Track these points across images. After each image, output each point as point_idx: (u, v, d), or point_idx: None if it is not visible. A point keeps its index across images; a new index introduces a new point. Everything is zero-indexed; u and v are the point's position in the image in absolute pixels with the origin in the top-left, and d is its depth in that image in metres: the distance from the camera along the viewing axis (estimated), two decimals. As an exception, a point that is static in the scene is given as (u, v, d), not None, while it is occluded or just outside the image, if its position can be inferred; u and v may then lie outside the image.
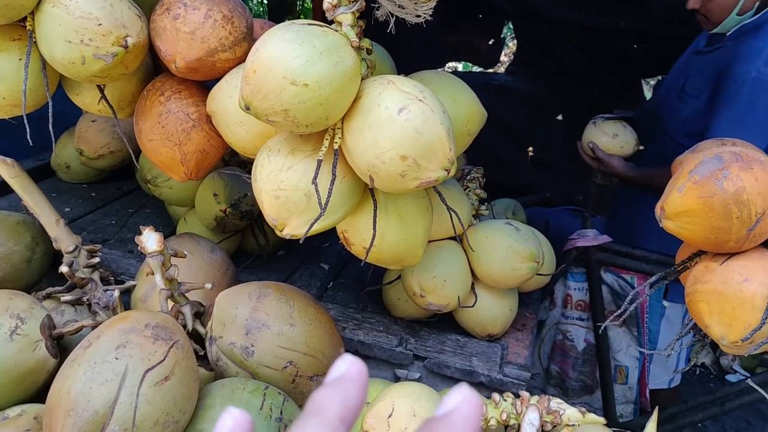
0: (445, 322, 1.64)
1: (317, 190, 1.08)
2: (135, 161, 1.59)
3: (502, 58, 5.90)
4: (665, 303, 2.33)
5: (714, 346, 1.33)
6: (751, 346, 1.08)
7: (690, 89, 2.24)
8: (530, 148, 4.76)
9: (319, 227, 1.14)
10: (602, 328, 1.38)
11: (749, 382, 1.53)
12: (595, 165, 2.31)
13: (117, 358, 1.03)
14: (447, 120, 1.07)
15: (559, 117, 4.80)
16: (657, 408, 1.36)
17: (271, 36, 1.03)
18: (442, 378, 1.49)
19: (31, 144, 1.26)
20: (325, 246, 1.96)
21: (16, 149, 1.47)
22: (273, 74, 0.99)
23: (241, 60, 1.31)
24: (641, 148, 2.32)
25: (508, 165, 4.31)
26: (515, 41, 5.67)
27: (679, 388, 2.61)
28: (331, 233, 1.41)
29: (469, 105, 1.29)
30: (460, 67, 6.56)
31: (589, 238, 2.10)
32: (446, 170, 1.06)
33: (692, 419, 2.09)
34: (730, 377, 3.79)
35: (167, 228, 1.95)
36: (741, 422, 3.40)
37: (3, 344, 1.22)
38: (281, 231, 1.15)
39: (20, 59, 1.23)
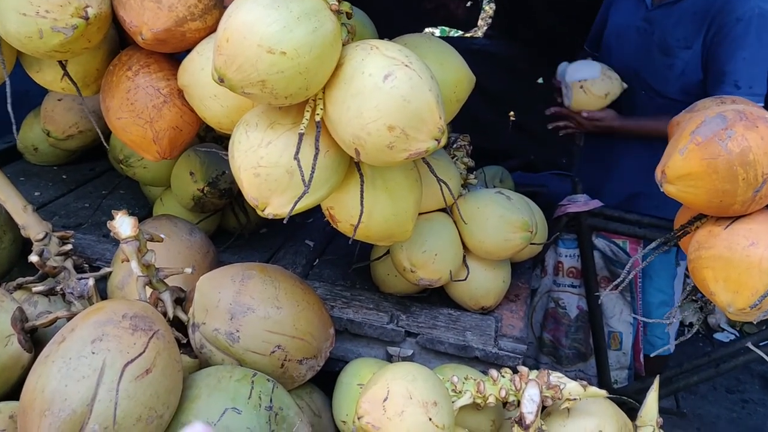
0: (436, 296, 1.59)
1: (300, 166, 1.02)
2: (105, 141, 1.51)
3: (479, 22, 5.81)
4: (680, 262, 2.30)
5: (703, 306, 1.30)
6: (759, 313, 1.04)
7: (675, 41, 2.19)
8: (511, 113, 4.71)
9: (303, 205, 1.08)
10: (601, 298, 1.34)
11: (749, 344, 1.50)
12: (590, 126, 2.25)
13: (93, 353, 0.98)
14: (435, 86, 1.01)
15: (540, 80, 4.74)
16: (657, 378, 1.34)
17: (244, 1, 0.95)
18: (435, 354, 1.44)
19: (-10, 125, 1.18)
20: (309, 222, 1.91)
21: (-22, 132, 1.39)
22: (247, 42, 0.92)
23: (213, 29, 1.23)
24: (625, 86, 2.27)
25: (489, 130, 4.26)
26: (492, 5, 5.58)
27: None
28: (315, 209, 1.35)
29: (457, 69, 1.23)
30: (437, 32, 6.46)
31: (580, 203, 2.06)
32: (437, 140, 1.00)
33: (687, 382, 2.08)
34: (719, 335, 3.81)
35: (144, 209, 1.88)
36: (732, 380, 3.42)
37: (-29, 341, 1.15)
38: (263, 210, 1.09)
39: (-28, 36, 1.15)
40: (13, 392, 1.17)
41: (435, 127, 0.99)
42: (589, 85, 2.20)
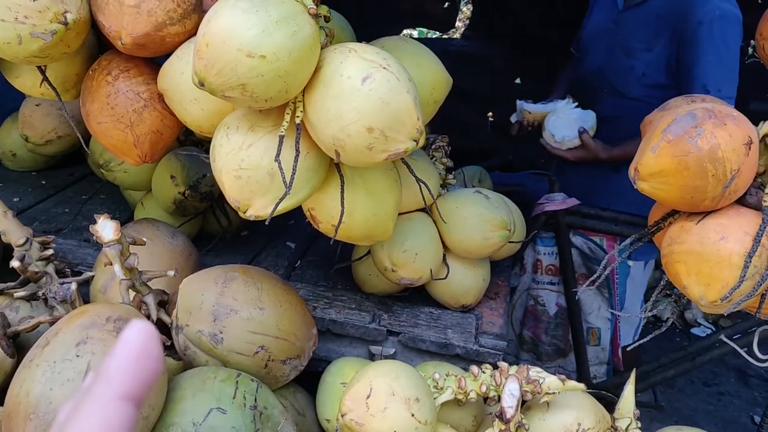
0: (417, 295, 1.61)
1: (281, 168, 1.03)
2: (85, 146, 1.51)
3: (457, 23, 5.85)
4: (629, 262, 2.34)
5: (677, 300, 1.32)
6: (729, 305, 1.06)
7: (637, 43, 2.23)
8: (490, 114, 4.74)
9: (284, 207, 1.09)
10: (578, 294, 1.36)
11: (722, 337, 1.53)
12: (572, 158, 2.25)
13: (78, 356, 0.98)
14: (413, 88, 1.02)
15: (518, 80, 4.78)
16: (634, 371, 1.36)
17: (223, 5, 0.96)
18: (417, 352, 1.46)
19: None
20: (290, 224, 1.92)
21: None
22: (227, 47, 0.93)
23: (192, 33, 1.23)
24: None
25: (468, 131, 4.28)
26: (469, 6, 5.62)
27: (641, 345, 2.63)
28: (296, 210, 1.36)
29: (434, 71, 1.24)
30: (415, 33, 6.49)
31: (558, 201, 2.09)
32: (415, 140, 1.02)
33: (665, 375, 2.11)
34: (695, 330, 3.87)
35: (124, 214, 1.88)
36: (708, 374, 3.48)
37: (-46, 346, 1.15)
38: (245, 213, 1.10)
39: (-50, 41, 1.15)
40: (-4, 398, 1.17)
41: (413, 128, 1.01)
42: (568, 142, 2.21)
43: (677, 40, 2.11)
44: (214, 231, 1.80)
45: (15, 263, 1.32)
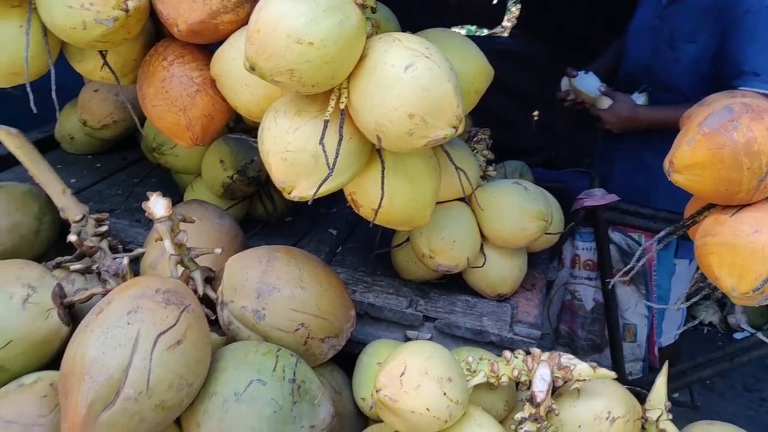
0: (454, 283, 1.64)
1: (324, 151, 1.08)
2: (140, 127, 1.58)
3: (505, 23, 5.84)
4: (675, 260, 2.33)
5: (721, 305, 1.33)
6: (761, 297, 1.07)
7: (681, 36, 2.24)
8: (535, 112, 4.73)
9: (327, 188, 1.14)
10: (611, 284, 1.38)
11: (759, 335, 1.53)
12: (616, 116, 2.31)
13: (129, 323, 1.04)
14: (454, 77, 1.06)
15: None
16: (666, 363, 1.37)
17: (274, -5, 1.01)
18: (452, 338, 1.49)
19: (35, 111, 1.25)
20: (333, 211, 1.96)
21: (19, 121, 1.46)
22: (277, 33, 0.98)
23: (244, 22, 1.29)
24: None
25: (513, 128, 4.28)
26: (518, 5, 5.60)
27: (678, 344, 2.62)
28: (338, 199, 1.41)
29: (476, 62, 1.28)
30: (463, 32, 6.50)
31: (597, 197, 2.09)
32: (454, 127, 1.05)
33: (701, 375, 2.10)
34: (738, 335, 3.80)
35: (174, 197, 1.90)
36: (749, 378, 3.42)
37: (16, 313, 1.22)
38: (289, 193, 1.15)
39: (21, 26, 1.22)
40: (52, 363, 1.24)
41: (453, 115, 1.05)
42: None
43: (723, 30, 2.11)
44: (260, 215, 1.86)
45: (72, 238, 1.40)
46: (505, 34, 5.56)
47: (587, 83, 2.40)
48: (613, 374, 1.25)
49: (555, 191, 1.75)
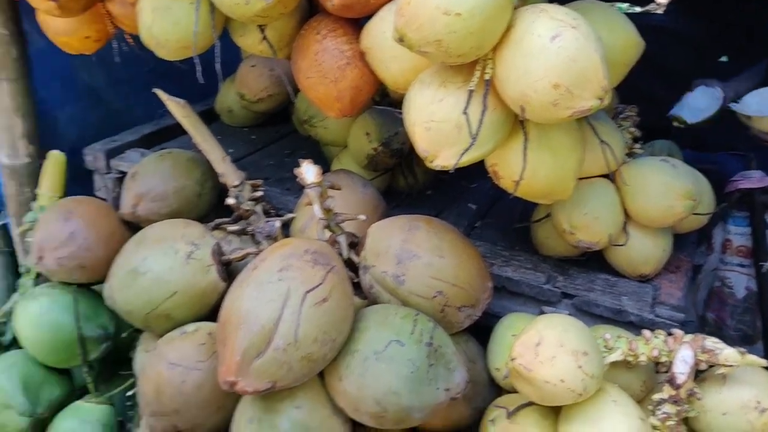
0: (594, 261, 1.60)
1: (468, 121, 1.10)
2: (294, 98, 1.66)
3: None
4: None
5: None
6: None
7: None
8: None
9: (469, 158, 1.16)
10: (765, 268, 1.31)
11: None
12: None
13: (280, 280, 1.12)
14: (601, 48, 1.04)
15: (724, 58, 4.46)
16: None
17: (424, -31, 1.04)
18: (590, 316, 1.47)
19: (202, 82, 1.35)
20: (473, 186, 1.97)
21: (184, 95, 1.59)
22: (426, 4, 1.00)
23: (394, -4, 1.33)
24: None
25: (665, 109, 4.08)
26: (675, -21, 5.31)
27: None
28: (479, 174, 1.42)
29: (625, 33, 1.24)
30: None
31: (754, 179, 1.97)
32: (600, 99, 1.04)
33: None
34: None
35: (322, 168, 2.03)
36: None
37: (181, 266, 1.35)
38: (432, 162, 1.18)
39: (191, 3, 1.33)
40: (210, 315, 1.35)
41: (599, 86, 1.03)
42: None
43: None
44: (401, 188, 1.91)
45: (230, 201, 1.51)
46: (660, 11, 5.28)
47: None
48: (764, 362, 1.18)
49: (707, 173, 1.67)
